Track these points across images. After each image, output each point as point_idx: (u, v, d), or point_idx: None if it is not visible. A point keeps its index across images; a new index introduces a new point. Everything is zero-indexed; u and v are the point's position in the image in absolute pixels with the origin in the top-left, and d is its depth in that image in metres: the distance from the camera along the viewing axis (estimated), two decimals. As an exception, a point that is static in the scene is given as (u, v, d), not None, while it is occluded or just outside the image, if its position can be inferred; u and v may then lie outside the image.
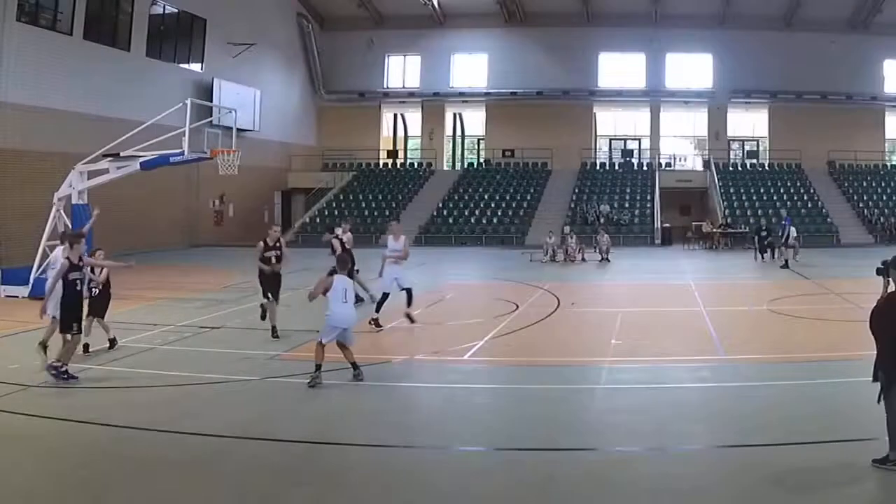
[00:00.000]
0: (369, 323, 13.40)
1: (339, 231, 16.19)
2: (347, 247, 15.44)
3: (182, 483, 6.66)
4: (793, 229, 24.90)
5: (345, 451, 7.47)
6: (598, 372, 10.46)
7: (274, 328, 12.75)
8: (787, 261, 23.92)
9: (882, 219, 34.36)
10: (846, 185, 38.09)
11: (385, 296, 13.82)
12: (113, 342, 11.81)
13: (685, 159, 44.25)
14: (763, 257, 26.32)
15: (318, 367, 9.68)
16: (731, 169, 40.51)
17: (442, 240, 34.00)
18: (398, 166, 43.70)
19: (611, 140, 44.44)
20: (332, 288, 9.77)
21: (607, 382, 9.98)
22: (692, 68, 42.14)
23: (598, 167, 42.27)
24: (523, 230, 34.81)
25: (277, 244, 13.37)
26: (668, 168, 41.64)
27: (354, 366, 9.92)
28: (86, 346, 11.33)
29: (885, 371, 6.54)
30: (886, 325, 6.61)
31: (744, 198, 36.88)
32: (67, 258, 10.13)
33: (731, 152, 42.79)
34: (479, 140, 45.05)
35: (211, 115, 22.38)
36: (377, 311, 13.72)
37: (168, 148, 17.94)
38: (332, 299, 9.72)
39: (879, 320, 6.68)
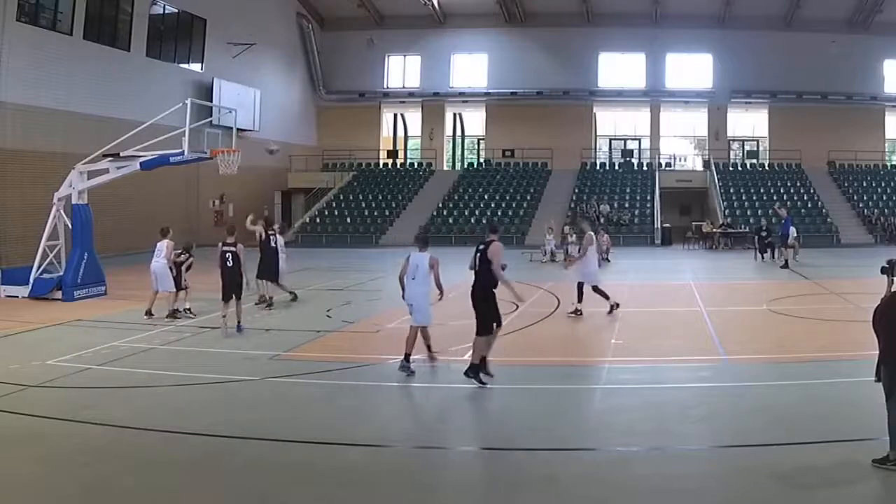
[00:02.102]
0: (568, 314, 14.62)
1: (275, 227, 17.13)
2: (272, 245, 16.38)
3: (182, 483, 6.66)
4: (793, 229, 24.90)
5: (345, 450, 7.47)
6: (598, 372, 10.46)
7: None
8: (787, 261, 23.91)
9: (882, 219, 34.35)
10: (846, 185, 38.08)
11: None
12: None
13: (685, 159, 44.27)
14: (763, 257, 26.31)
15: (407, 356, 10.14)
16: (731, 169, 40.50)
17: (442, 240, 33.89)
18: (398, 166, 43.68)
19: (611, 140, 44.44)
20: (409, 265, 10.26)
21: (607, 382, 9.98)
22: (692, 68, 42.12)
23: (598, 167, 42.26)
24: (523, 230, 34.79)
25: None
26: (668, 168, 41.63)
27: (429, 349, 10.49)
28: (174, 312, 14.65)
29: (889, 368, 6.54)
30: (889, 322, 6.62)
31: (744, 198, 36.88)
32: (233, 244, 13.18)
33: (731, 152, 42.79)
34: (479, 140, 45.04)
35: (211, 115, 22.36)
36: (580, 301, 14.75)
37: (168, 148, 17.92)
38: (406, 277, 10.27)
39: (883, 318, 6.69)
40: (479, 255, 9.85)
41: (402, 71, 44.21)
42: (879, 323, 6.69)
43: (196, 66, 34.22)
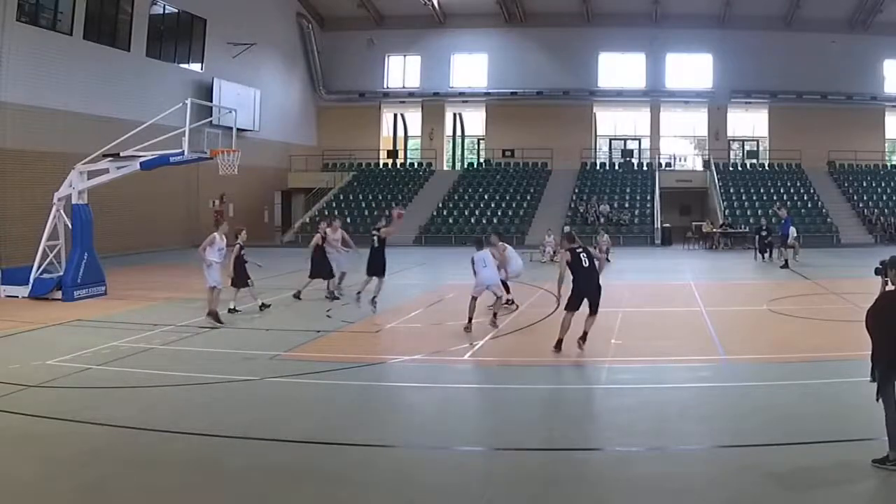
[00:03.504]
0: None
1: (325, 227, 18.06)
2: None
3: (182, 483, 6.66)
4: (792, 229, 24.91)
5: (345, 451, 7.46)
6: (598, 372, 10.46)
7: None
8: (787, 261, 23.92)
9: (882, 219, 34.36)
10: (846, 185, 38.09)
11: None
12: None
13: (685, 159, 44.28)
14: (763, 257, 26.31)
15: (470, 319, 13.22)
16: (731, 169, 40.51)
17: (442, 240, 34.00)
18: (398, 166, 43.71)
19: (611, 140, 44.45)
20: (477, 258, 13.86)
21: (607, 382, 9.98)
22: (692, 68, 42.12)
23: (598, 167, 42.27)
24: (523, 230, 34.80)
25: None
26: (668, 168, 41.65)
27: (495, 316, 13.55)
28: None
29: (879, 368, 6.55)
30: (882, 322, 6.62)
31: (744, 198, 36.89)
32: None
33: (731, 152, 42.80)
34: (479, 140, 45.06)
35: (211, 115, 22.34)
36: None
37: (168, 148, 17.91)
38: (477, 266, 13.78)
39: (875, 318, 6.69)
40: (586, 255, 11.77)
41: (402, 71, 44.21)
42: (873, 322, 6.70)
43: (196, 66, 34.23)
